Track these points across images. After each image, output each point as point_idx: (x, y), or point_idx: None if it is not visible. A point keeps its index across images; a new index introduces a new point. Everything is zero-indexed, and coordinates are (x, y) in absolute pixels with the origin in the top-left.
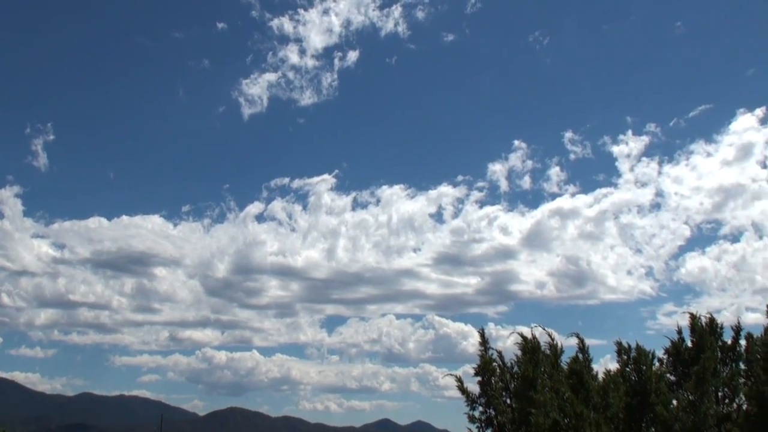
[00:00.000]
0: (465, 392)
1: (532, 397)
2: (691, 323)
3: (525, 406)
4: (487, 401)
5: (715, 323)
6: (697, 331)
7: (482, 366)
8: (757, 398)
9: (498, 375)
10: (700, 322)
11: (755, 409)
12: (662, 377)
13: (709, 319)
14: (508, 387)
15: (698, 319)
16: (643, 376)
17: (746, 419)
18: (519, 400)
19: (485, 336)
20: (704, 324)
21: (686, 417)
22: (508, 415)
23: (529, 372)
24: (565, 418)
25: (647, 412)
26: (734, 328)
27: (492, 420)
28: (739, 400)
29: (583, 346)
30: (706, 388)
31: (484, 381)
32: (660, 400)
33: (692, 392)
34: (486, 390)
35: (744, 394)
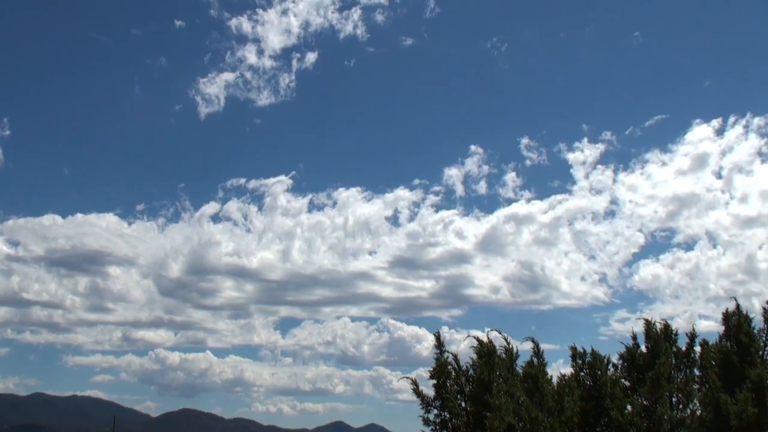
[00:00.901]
0: (420, 395)
1: (488, 401)
2: (646, 329)
3: (480, 410)
4: (442, 404)
5: (669, 329)
6: (652, 336)
7: (437, 369)
8: (712, 404)
9: (453, 378)
10: (655, 328)
11: (709, 414)
12: (617, 382)
13: (663, 325)
14: (463, 390)
15: (653, 325)
16: (598, 381)
17: (700, 425)
18: (474, 403)
19: (441, 339)
20: (659, 330)
21: (641, 422)
22: (462, 418)
23: (485, 375)
24: (519, 422)
25: (602, 417)
26: (688, 334)
27: (447, 423)
28: (693, 406)
29: (538, 351)
30: (661, 394)
31: (439, 384)
32: (615, 404)
33: (647, 397)
34: (441, 393)
35: (698, 399)
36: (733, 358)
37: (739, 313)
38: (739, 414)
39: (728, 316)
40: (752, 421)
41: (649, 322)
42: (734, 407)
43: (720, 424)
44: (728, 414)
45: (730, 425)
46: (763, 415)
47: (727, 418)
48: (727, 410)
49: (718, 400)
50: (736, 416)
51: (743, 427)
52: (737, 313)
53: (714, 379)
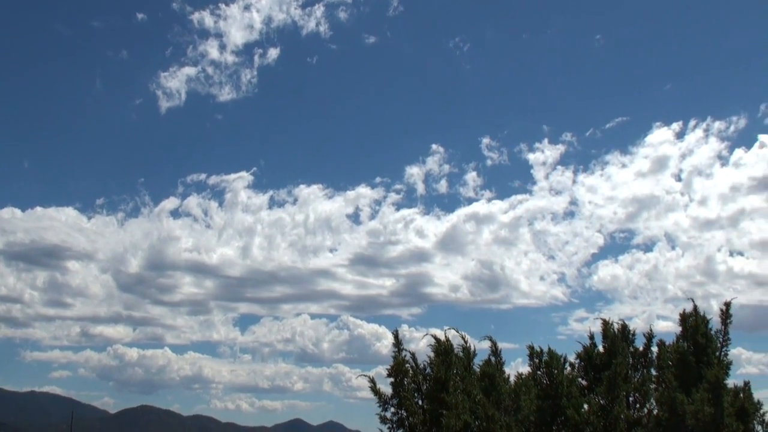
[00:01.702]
0: (377, 393)
1: (444, 399)
2: (604, 329)
3: (436, 408)
4: (399, 402)
5: (627, 329)
6: (609, 336)
7: (395, 367)
8: (668, 404)
9: (411, 376)
10: (612, 328)
11: (666, 414)
12: (574, 381)
13: (621, 325)
14: (421, 389)
15: (610, 325)
16: (555, 380)
17: (657, 424)
18: (431, 401)
19: (399, 337)
20: (616, 330)
21: (597, 421)
22: (419, 416)
23: (442, 374)
24: (476, 421)
25: (558, 416)
26: (646, 335)
27: (403, 421)
28: (650, 405)
29: (495, 350)
30: (617, 393)
31: (397, 382)
32: (571, 403)
33: (603, 396)
34: (398, 391)
35: (655, 399)
36: (690, 359)
37: (696, 315)
38: (695, 414)
39: (685, 317)
40: (708, 420)
41: (607, 322)
42: (690, 407)
43: (676, 423)
44: (684, 413)
45: (686, 425)
46: (719, 415)
47: (683, 417)
48: (683, 410)
49: (674, 399)
50: (692, 416)
51: (699, 427)
52: (694, 314)
53: (670, 379)
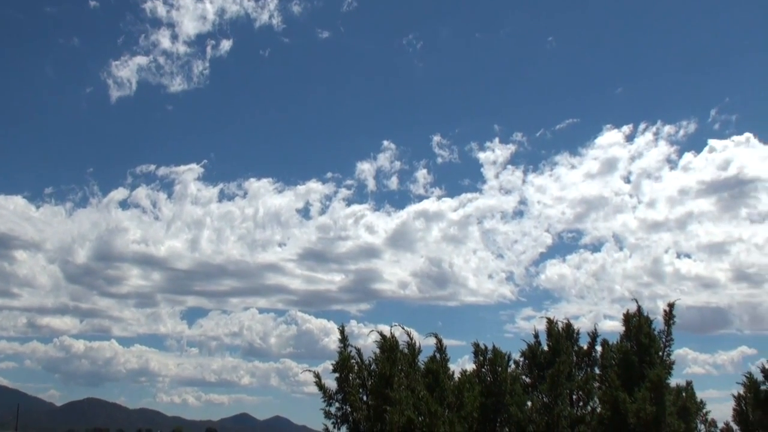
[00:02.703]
0: (322, 388)
1: (388, 395)
2: (548, 328)
3: (381, 404)
4: (344, 398)
5: (571, 328)
6: (554, 335)
7: (340, 363)
8: (611, 402)
9: (356, 372)
10: (556, 327)
11: (608, 412)
12: (517, 379)
13: (565, 324)
14: (366, 384)
15: (555, 324)
16: (499, 378)
17: (599, 422)
18: (375, 397)
19: (345, 333)
20: (560, 329)
21: (540, 418)
22: (363, 412)
23: (386, 370)
24: (419, 416)
25: (501, 413)
26: (590, 334)
27: (348, 416)
28: (594, 404)
29: (440, 346)
30: (560, 391)
31: (342, 378)
32: (514, 401)
33: (546, 394)
34: (343, 386)
35: (598, 398)
36: (633, 358)
37: (640, 315)
38: (637, 412)
39: (629, 317)
40: (650, 419)
41: (551, 321)
42: (632, 406)
43: (618, 422)
44: (626, 412)
45: (628, 423)
46: (660, 414)
47: (626, 416)
48: (625, 408)
49: (616, 398)
50: (634, 414)
51: (641, 425)
52: (638, 315)
53: (613, 378)
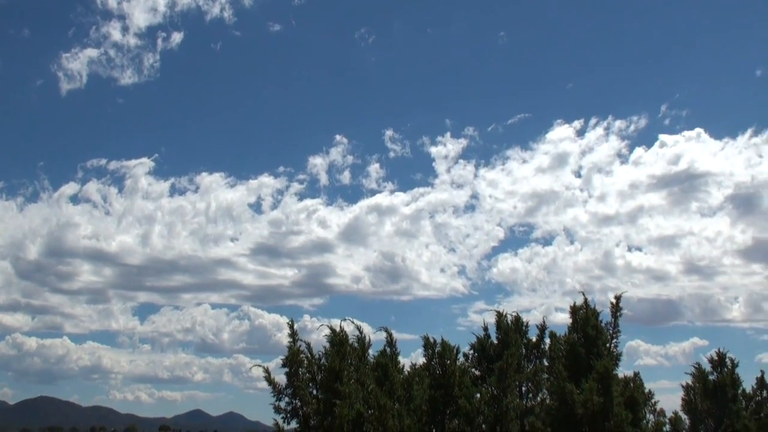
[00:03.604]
0: (272, 383)
1: (338, 389)
2: (498, 321)
3: (330, 398)
4: (294, 392)
5: (520, 321)
6: (503, 328)
7: (290, 357)
8: (558, 393)
9: (305, 366)
10: (506, 320)
11: (556, 403)
12: (466, 371)
13: (515, 317)
14: (315, 378)
15: (504, 317)
16: (447, 370)
17: (548, 413)
18: (324, 391)
19: (294, 328)
20: (510, 322)
21: (488, 410)
22: (313, 406)
23: (335, 364)
24: (369, 410)
25: (450, 405)
26: (539, 326)
27: (297, 411)
28: (543, 395)
29: (391, 340)
30: (509, 383)
31: (292, 372)
32: (463, 393)
33: (495, 386)
34: (293, 381)
35: (546, 389)
36: (580, 350)
37: (587, 307)
38: (584, 403)
39: (576, 309)
40: (597, 410)
41: (501, 314)
42: (580, 396)
43: (566, 412)
44: (574, 403)
45: (576, 414)
46: (608, 404)
47: (573, 406)
48: (572, 399)
49: (563, 389)
50: (581, 405)
51: (588, 416)
52: (585, 307)
53: (560, 370)
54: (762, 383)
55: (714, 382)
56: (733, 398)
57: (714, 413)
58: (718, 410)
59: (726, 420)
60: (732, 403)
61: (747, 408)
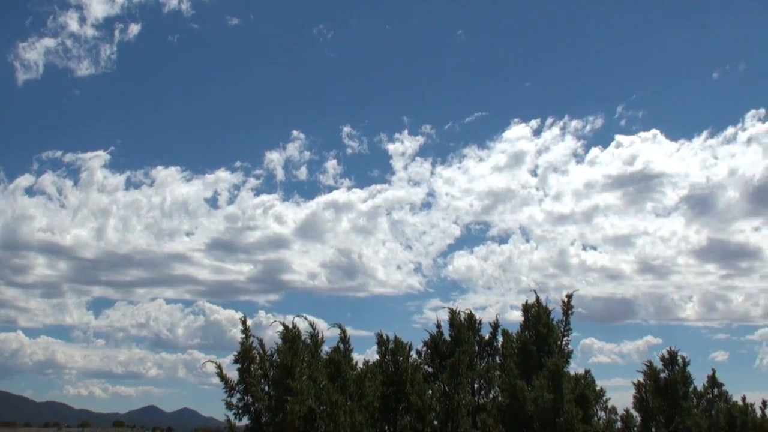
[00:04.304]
0: (224, 379)
1: (289, 385)
2: (451, 318)
3: (282, 394)
4: (246, 388)
5: (473, 319)
6: (456, 325)
7: (242, 354)
8: (509, 390)
9: (258, 363)
10: (459, 318)
11: (507, 400)
12: (418, 368)
13: (467, 314)
14: (267, 375)
15: (457, 314)
16: (400, 367)
17: (499, 410)
18: (276, 387)
19: (246, 324)
20: (463, 319)
21: (440, 407)
22: (265, 402)
23: (288, 360)
24: (320, 406)
25: (402, 402)
26: (492, 324)
27: (249, 407)
28: (495, 392)
29: (344, 337)
30: (460, 380)
31: (244, 368)
32: (415, 390)
33: (447, 383)
34: (245, 377)
35: (498, 386)
36: (532, 348)
37: (539, 305)
38: (535, 400)
39: (528, 307)
40: (548, 406)
41: (454, 311)
42: (530, 393)
43: (517, 409)
44: (525, 400)
45: (526, 410)
46: (558, 401)
47: (524, 403)
48: (523, 396)
49: (514, 386)
50: (532, 402)
51: (539, 413)
52: (537, 305)
53: (512, 367)
54: (713, 381)
55: (665, 380)
56: (684, 396)
57: (665, 410)
58: (669, 408)
59: (677, 417)
60: (683, 400)
61: (698, 405)
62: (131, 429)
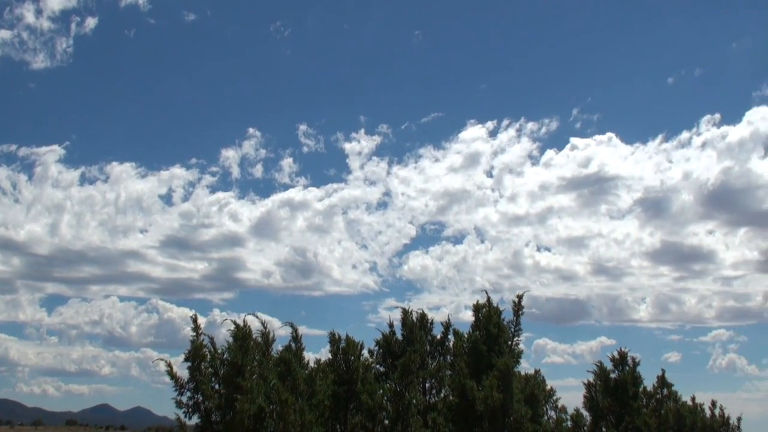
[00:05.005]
0: (174, 377)
1: (239, 384)
2: (403, 318)
3: (232, 392)
4: (196, 387)
5: (425, 318)
6: (408, 325)
7: (192, 352)
8: (459, 389)
9: (208, 361)
10: (411, 317)
11: (457, 399)
12: (369, 368)
13: (420, 314)
14: (218, 373)
15: (410, 314)
16: (351, 366)
17: (449, 409)
18: (227, 386)
19: (197, 321)
20: (415, 319)
21: (391, 406)
22: (215, 401)
23: (238, 359)
24: (270, 405)
25: (353, 400)
26: (444, 324)
27: (199, 405)
28: (446, 391)
29: (296, 336)
30: (411, 379)
31: (194, 367)
32: (366, 389)
33: (398, 382)
34: (195, 375)
35: (448, 385)
36: (482, 347)
37: (490, 306)
38: (484, 399)
39: (478, 307)
40: (497, 405)
41: (406, 311)
42: (480, 393)
43: (466, 408)
44: (474, 399)
45: (476, 409)
46: (507, 400)
47: (474, 402)
48: (473, 395)
49: (464, 386)
50: (482, 401)
51: (488, 412)
52: (488, 306)
53: (462, 366)
54: (662, 382)
55: (615, 380)
56: (633, 396)
57: (615, 410)
58: (618, 407)
59: (627, 417)
60: (633, 400)
61: (648, 405)
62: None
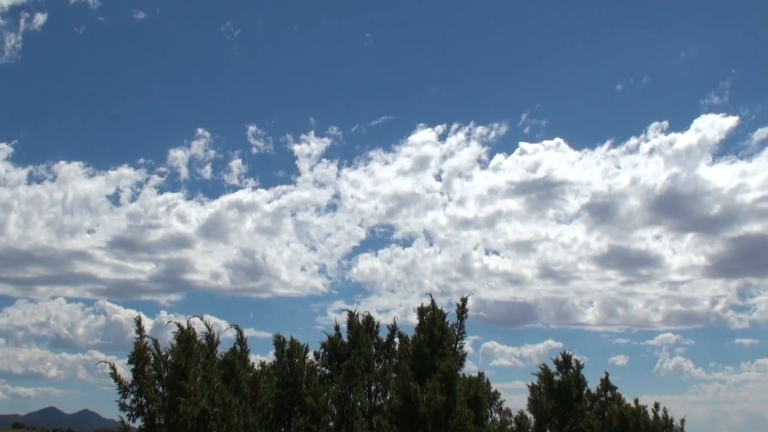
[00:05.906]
0: (117, 379)
1: (183, 386)
2: (349, 320)
3: (175, 395)
4: (139, 389)
5: (371, 321)
6: (354, 328)
7: (136, 354)
8: (403, 392)
9: (152, 363)
10: (357, 320)
11: (401, 402)
12: (314, 370)
13: (366, 317)
14: (162, 376)
15: (356, 316)
16: (296, 369)
17: (393, 411)
18: (170, 388)
19: (141, 324)
20: (361, 321)
21: (336, 408)
22: (159, 403)
23: (181, 361)
24: (214, 407)
25: (297, 403)
26: (390, 327)
27: (143, 408)
28: (391, 394)
29: (241, 338)
30: (356, 382)
31: (138, 369)
32: (310, 391)
33: (343, 385)
34: (138, 378)
35: (393, 388)
36: (426, 350)
37: (434, 309)
38: (428, 402)
39: (423, 310)
40: (440, 408)
41: (352, 313)
42: (423, 395)
43: (410, 410)
44: (418, 401)
45: (419, 412)
46: (450, 403)
47: (417, 405)
48: (416, 398)
49: (408, 388)
50: (425, 404)
51: (432, 414)
52: (432, 308)
53: (406, 369)
54: (606, 384)
55: (559, 382)
56: (577, 398)
57: (559, 412)
58: (562, 409)
59: (570, 419)
60: (576, 402)
61: (591, 407)
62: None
